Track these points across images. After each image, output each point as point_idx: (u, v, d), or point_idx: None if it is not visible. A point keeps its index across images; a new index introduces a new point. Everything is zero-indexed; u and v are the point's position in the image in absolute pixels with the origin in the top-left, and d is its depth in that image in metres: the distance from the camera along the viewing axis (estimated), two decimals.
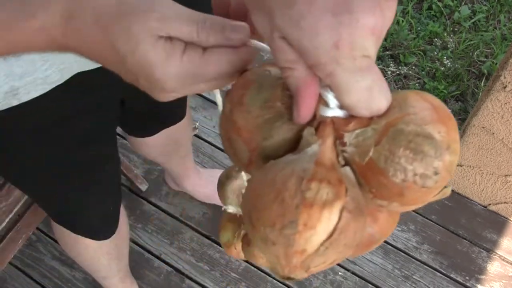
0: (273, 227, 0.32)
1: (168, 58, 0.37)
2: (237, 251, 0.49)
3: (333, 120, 0.35)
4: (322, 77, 0.33)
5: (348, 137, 0.34)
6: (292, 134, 0.36)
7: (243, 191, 0.42)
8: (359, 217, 0.34)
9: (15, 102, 0.66)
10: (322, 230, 0.32)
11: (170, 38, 0.37)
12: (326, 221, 0.32)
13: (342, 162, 0.35)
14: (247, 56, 0.39)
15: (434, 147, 0.33)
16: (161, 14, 0.37)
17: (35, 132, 0.74)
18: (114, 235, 1.13)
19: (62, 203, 0.97)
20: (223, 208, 0.50)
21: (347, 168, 0.35)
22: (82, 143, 0.81)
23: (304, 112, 0.35)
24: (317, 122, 0.35)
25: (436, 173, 0.33)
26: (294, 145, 0.36)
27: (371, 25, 0.31)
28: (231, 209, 0.49)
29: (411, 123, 0.33)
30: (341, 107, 0.35)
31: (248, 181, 0.37)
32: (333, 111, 0.35)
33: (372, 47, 0.33)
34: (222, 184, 0.50)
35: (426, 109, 0.34)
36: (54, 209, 1.02)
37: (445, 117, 0.34)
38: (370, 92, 0.33)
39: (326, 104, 0.35)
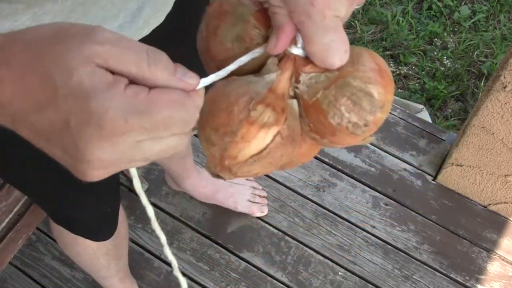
0: (217, 131, 0.38)
1: (109, 88, 0.31)
2: None
3: (296, 58, 0.40)
4: (296, 23, 0.38)
5: (303, 77, 0.40)
6: (256, 65, 0.41)
7: None
8: (289, 145, 0.39)
9: None
10: (254, 146, 0.38)
11: (110, 70, 0.32)
12: (260, 139, 0.38)
13: (292, 94, 0.41)
14: (199, 103, 0.35)
15: (371, 103, 0.38)
16: (103, 38, 0.31)
17: None
18: (114, 235, 1.13)
19: (60, 203, 0.96)
20: None
21: (294, 101, 0.40)
22: None
23: (281, 44, 0.39)
24: (282, 56, 0.40)
25: (366, 125, 0.39)
26: (257, 69, 0.41)
27: None
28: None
29: (358, 79, 0.38)
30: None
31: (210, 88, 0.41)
32: (298, 50, 0.39)
33: (343, 9, 0.38)
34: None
35: (373, 70, 0.39)
36: (52, 209, 1.02)
37: (387, 81, 0.39)
38: (327, 49, 0.38)
39: (295, 44, 0.39)
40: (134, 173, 0.43)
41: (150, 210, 0.46)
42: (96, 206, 0.99)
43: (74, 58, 0.31)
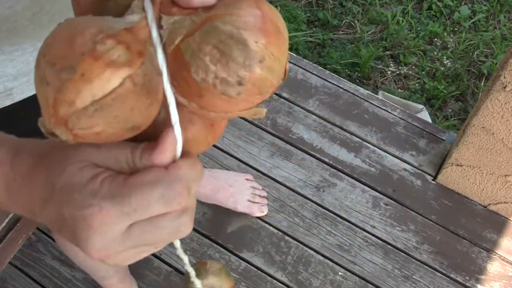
0: (53, 66, 0.31)
1: (90, 180, 0.33)
2: None
3: (162, 1, 0.33)
4: None
5: (165, 21, 0.32)
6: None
7: None
8: (142, 97, 0.32)
9: (8, 102, 0.66)
10: (97, 87, 0.30)
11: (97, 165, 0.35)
12: (105, 80, 0.30)
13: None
14: (181, 174, 0.34)
15: (244, 55, 0.30)
16: (89, 150, 0.35)
17: (28, 130, 0.74)
18: None
19: None
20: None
21: (160, 51, 0.33)
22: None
23: None
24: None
25: (240, 84, 0.31)
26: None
27: None
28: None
29: (229, 24, 0.31)
30: None
31: None
32: None
33: None
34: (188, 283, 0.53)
35: (253, 16, 0.31)
36: None
37: (272, 30, 0.31)
38: None
39: None
40: (177, 245, 0.41)
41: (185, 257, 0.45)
42: None
43: (67, 159, 0.34)
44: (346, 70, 2.33)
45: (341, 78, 1.98)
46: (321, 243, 1.65)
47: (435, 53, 2.42)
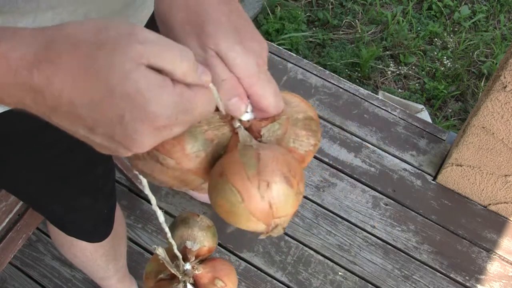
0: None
1: (161, 88, 0.35)
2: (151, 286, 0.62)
3: (252, 123, 0.45)
4: (246, 87, 0.43)
5: (264, 131, 0.46)
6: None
7: (188, 242, 0.62)
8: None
9: (0, 110, 0.65)
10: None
11: (152, 67, 0.35)
12: None
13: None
14: (213, 96, 0.40)
15: (316, 124, 0.48)
16: (143, 38, 0.35)
17: (22, 136, 0.73)
18: (111, 236, 1.12)
19: (54, 206, 0.95)
20: (154, 248, 0.59)
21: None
22: (76, 148, 0.80)
23: (237, 107, 0.44)
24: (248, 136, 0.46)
25: (319, 140, 0.48)
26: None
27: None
28: (161, 252, 0.58)
29: (300, 113, 0.48)
30: (253, 111, 0.45)
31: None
32: (249, 114, 0.45)
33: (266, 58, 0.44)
34: (175, 225, 0.63)
35: (300, 101, 0.49)
36: (47, 212, 1.01)
37: (308, 102, 0.50)
38: (275, 96, 0.44)
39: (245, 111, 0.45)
40: (145, 182, 0.47)
41: (160, 215, 0.51)
42: (90, 208, 0.98)
43: (125, 62, 0.34)
44: (346, 70, 2.33)
45: (341, 78, 1.98)
46: (321, 243, 1.65)
47: (435, 53, 2.42)
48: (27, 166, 0.81)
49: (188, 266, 0.60)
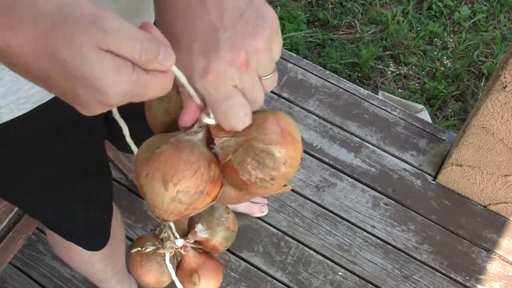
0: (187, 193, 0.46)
1: (118, 75, 0.35)
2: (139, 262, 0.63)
3: (209, 126, 0.46)
4: (201, 98, 0.44)
5: (217, 141, 0.46)
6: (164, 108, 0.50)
7: (199, 225, 0.63)
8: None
9: None
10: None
11: (113, 53, 0.35)
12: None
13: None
14: (171, 81, 0.40)
15: (273, 161, 0.45)
16: (105, 26, 0.35)
17: (18, 147, 0.73)
18: (109, 240, 1.10)
19: (46, 214, 0.94)
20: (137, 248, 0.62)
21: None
22: (67, 158, 0.79)
23: (188, 118, 0.46)
24: (198, 125, 0.47)
25: (272, 179, 0.45)
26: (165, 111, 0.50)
27: (230, 59, 0.41)
28: (149, 248, 0.61)
29: (261, 142, 0.45)
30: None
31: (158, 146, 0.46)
32: (210, 120, 0.46)
33: (236, 78, 0.42)
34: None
35: (275, 133, 0.45)
36: (43, 219, 1.00)
37: (288, 140, 0.46)
38: (227, 115, 0.43)
39: (207, 114, 0.46)
40: (115, 112, 0.49)
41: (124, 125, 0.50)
42: (85, 217, 0.97)
43: (82, 45, 0.34)
44: (346, 70, 2.33)
45: (341, 78, 1.98)
46: (321, 243, 1.65)
47: (435, 53, 2.42)
48: (18, 174, 0.80)
49: (180, 242, 0.60)
